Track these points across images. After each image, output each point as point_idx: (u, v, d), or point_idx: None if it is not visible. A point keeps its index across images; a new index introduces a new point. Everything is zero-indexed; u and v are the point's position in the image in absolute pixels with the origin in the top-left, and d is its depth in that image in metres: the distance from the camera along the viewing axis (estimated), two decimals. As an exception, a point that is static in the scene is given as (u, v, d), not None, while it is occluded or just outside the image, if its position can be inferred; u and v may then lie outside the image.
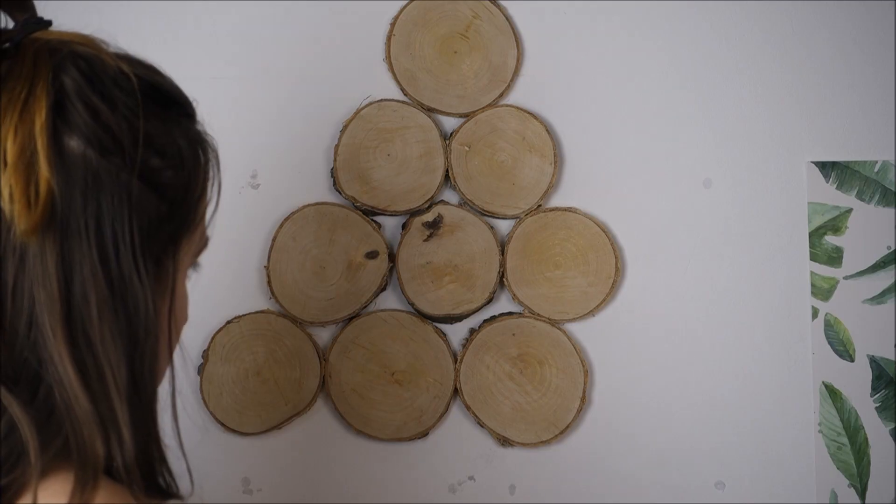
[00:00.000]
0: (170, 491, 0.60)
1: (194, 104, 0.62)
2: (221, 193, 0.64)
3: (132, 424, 0.56)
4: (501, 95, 1.09)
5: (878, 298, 1.11)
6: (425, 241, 1.07)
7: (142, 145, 0.55)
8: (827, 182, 1.11)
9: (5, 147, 0.51)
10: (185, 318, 0.65)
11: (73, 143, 0.53)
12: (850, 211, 1.11)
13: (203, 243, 0.64)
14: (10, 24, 0.57)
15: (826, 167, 1.11)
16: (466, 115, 1.08)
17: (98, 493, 0.55)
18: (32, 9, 0.57)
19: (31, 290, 0.53)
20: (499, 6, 1.09)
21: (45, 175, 0.52)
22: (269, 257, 1.06)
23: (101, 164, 0.54)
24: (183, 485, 0.61)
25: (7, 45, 0.55)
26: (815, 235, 1.11)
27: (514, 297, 1.08)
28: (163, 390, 0.61)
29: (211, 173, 0.62)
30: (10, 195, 0.51)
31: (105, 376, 0.55)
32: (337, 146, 1.07)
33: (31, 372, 0.54)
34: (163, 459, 0.60)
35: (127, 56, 0.58)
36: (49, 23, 0.57)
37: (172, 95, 0.60)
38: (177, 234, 0.60)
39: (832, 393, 1.11)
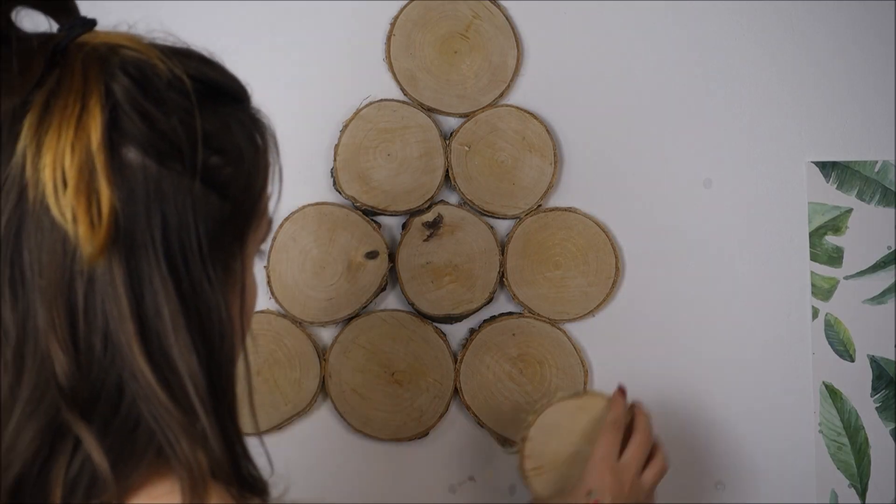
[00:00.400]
0: (257, 486, 0.59)
1: (248, 87, 0.60)
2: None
3: (217, 428, 0.56)
4: (501, 95, 1.09)
5: (879, 298, 1.11)
6: (425, 241, 1.07)
7: (200, 146, 0.54)
8: (827, 182, 1.11)
9: (64, 167, 0.50)
10: (255, 306, 0.64)
11: (131, 155, 0.52)
12: (850, 211, 1.11)
13: (268, 229, 0.63)
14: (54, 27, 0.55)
15: (826, 167, 1.11)
16: (466, 115, 1.08)
17: (210, 496, 0.55)
18: (76, 9, 0.55)
19: (104, 308, 0.52)
20: (499, 6, 1.09)
21: (105, 193, 0.50)
22: (268, 257, 1.06)
23: (162, 172, 0.53)
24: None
25: (53, 49, 0.53)
26: (815, 235, 1.11)
27: (514, 297, 1.08)
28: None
29: (271, 158, 0.60)
30: (73, 217, 0.50)
31: (186, 386, 0.54)
32: (337, 146, 1.07)
33: (112, 389, 0.53)
34: (247, 455, 0.60)
35: (176, 50, 0.57)
36: (94, 23, 0.55)
37: (226, 87, 0.58)
38: (242, 230, 0.59)
39: (832, 393, 1.11)
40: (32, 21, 0.55)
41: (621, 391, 0.95)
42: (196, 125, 0.54)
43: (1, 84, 0.51)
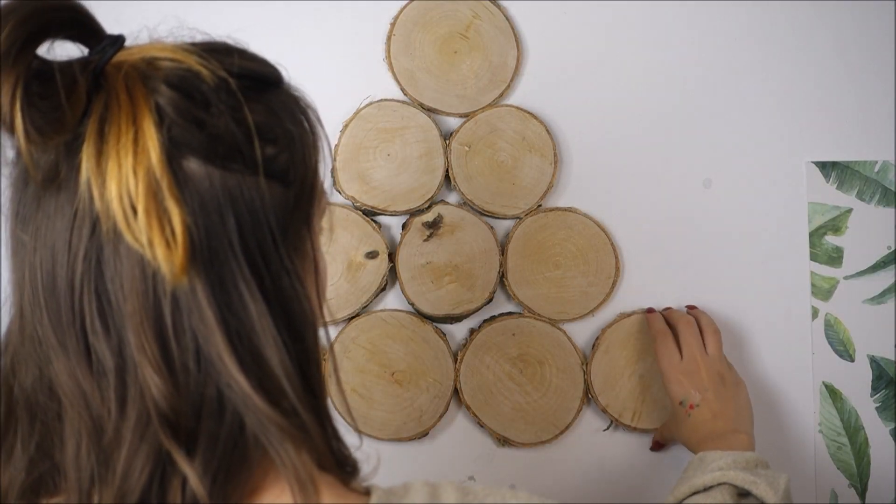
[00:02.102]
0: (349, 464, 0.60)
1: (280, 69, 0.60)
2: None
3: (316, 421, 0.56)
4: (501, 95, 1.09)
5: (878, 298, 1.11)
6: (425, 241, 1.07)
7: (256, 141, 0.54)
8: (827, 182, 1.11)
9: (130, 193, 0.49)
10: (327, 283, 0.64)
11: (193, 166, 0.52)
12: (850, 211, 1.11)
13: (326, 203, 0.63)
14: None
15: (826, 167, 1.11)
16: (466, 115, 1.08)
17: (326, 492, 0.56)
18: (102, 31, 0.55)
19: (191, 325, 0.52)
20: (499, 6, 1.09)
21: (175, 212, 0.50)
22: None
23: (226, 175, 0.53)
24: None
25: (92, 74, 0.53)
26: (815, 235, 1.11)
27: (514, 297, 1.08)
28: None
29: (317, 132, 0.61)
30: (149, 241, 0.50)
31: (283, 386, 0.54)
32: (337, 146, 1.07)
33: (213, 404, 0.53)
34: (337, 437, 0.60)
35: (209, 48, 0.56)
36: (123, 39, 0.55)
37: (265, 74, 0.58)
38: (308, 213, 0.59)
39: (832, 393, 1.11)
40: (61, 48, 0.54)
41: (649, 310, 1.07)
42: (248, 120, 0.54)
43: (52, 123, 0.50)
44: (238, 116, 0.54)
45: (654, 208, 1.11)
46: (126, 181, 0.50)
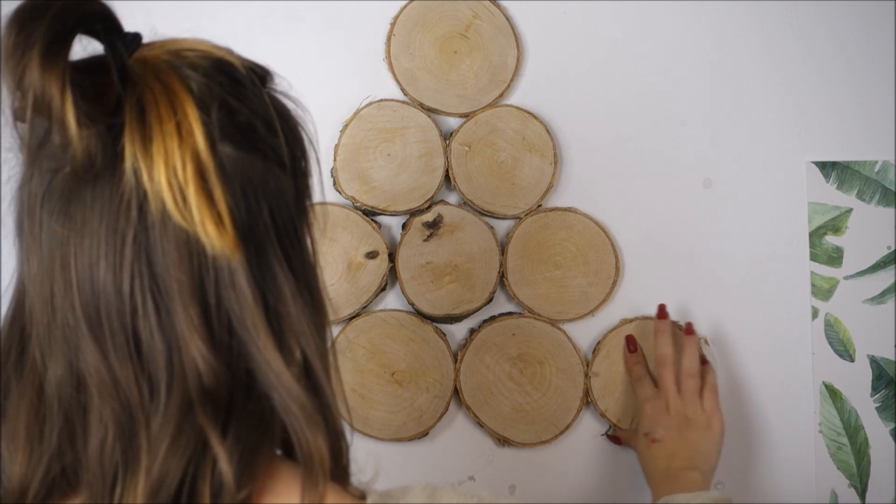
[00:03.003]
0: (347, 475, 0.61)
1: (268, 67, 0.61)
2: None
3: (334, 406, 0.58)
4: (501, 95, 1.09)
5: (878, 298, 1.11)
6: (425, 241, 1.07)
7: (278, 129, 0.56)
8: (827, 182, 1.11)
9: (178, 176, 0.51)
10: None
11: (228, 150, 0.54)
12: (850, 211, 1.11)
13: (311, 205, 0.65)
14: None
15: (826, 167, 1.11)
16: (466, 115, 1.08)
17: (328, 492, 0.56)
18: (121, 28, 0.56)
19: (230, 304, 0.54)
20: (499, 6, 1.09)
21: (220, 192, 0.52)
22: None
23: (253, 161, 0.55)
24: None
25: (121, 70, 0.54)
26: (815, 235, 1.11)
27: (514, 297, 1.08)
28: None
29: (306, 129, 0.62)
30: (201, 224, 0.51)
31: (314, 369, 0.56)
32: (337, 146, 1.07)
33: (242, 384, 0.55)
34: (343, 436, 0.61)
35: (220, 47, 0.58)
36: (141, 37, 0.56)
37: (264, 70, 0.60)
38: (305, 205, 0.61)
39: (832, 393, 1.11)
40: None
41: (630, 346, 1.08)
42: (269, 110, 0.56)
43: (93, 111, 0.51)
44: (260, 104, 0.56)
45: (654, 208, 1.11)
46: (173, 164, 0.51)
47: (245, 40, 1.07)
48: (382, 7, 1.08)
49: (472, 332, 1.08)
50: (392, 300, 1.09)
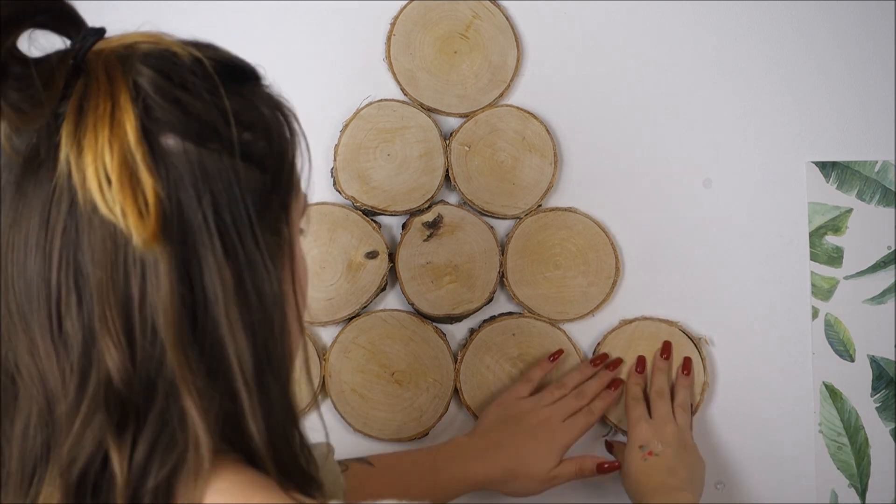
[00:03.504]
0: (309, 483, 0.59)
1: (260, 69, 0.61)
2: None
3: (265, 413, 0.56)
4: (501, 95, 1.09)
5: (879, 298, 1.11)
6: (425, 241, 1.07)
7: (233, 122, 0.55)
8: (827, 182, 1.11)
9: (105, 164, 0.51)
10: (307, 280, 0.64)
11: (171, 142, 0.53)
12: (850, 211, 1.11)
13: (305, 204, 0.64)
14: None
15: (826, 167, 1.11)
16: (466, 115, 1.08)
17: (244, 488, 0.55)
18: (83, 21, 0.56)
19: (153, 299, 0.53)
20: (499, 6, 1.09)
21: (149, 183, 0.52)
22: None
23: (202, 153, 0.54)
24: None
25: (73, 62, 0.54)
26: (815, 235, 1.11)
27: (514, 297, 1.08)
28: None
29: (295, 129, 0.61)
30: (122, 211, 0.51)
31: (231, 371, 0.55)
32: (337, 146, 1.07)
33: (167, 385, 0.54)
34: (304, 444, 0.60)
35: (187, 40, 0.58)
36: (104, 31, 0.56)
37: (241, 66, 0.59)
38: (285, 200, 0.60)
39: (832, 393, 1.11)
40: (47, 41, 0.56)
41: (639, 364, 1.08)
42: (224, 103, 0.55)
43: (27, 101, 0.52)
44: (215, 98, 0.55)
45: (654, 208, 1.11)
46: (102, 153, 0.51)
47: (245, 40, 1.08)
48: (382, 7, 1.08)
49: (472, 332, 1.08)
50: (392, 300, 1.09)
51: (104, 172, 0.51)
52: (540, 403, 1.03)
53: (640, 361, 1.07)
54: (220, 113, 0.55)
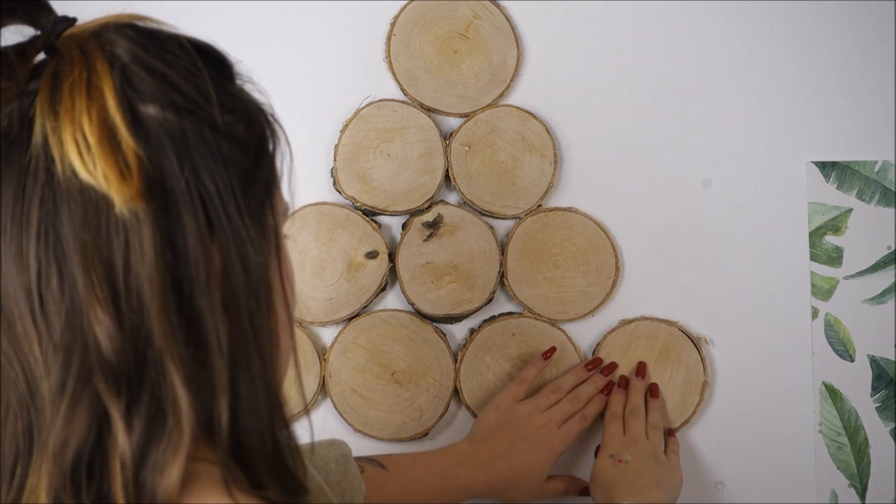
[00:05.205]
0: (292, 485, 0.58)
1: (240, 65, 0.60)
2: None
3: (246, 394, 0.54)
4: (501, 95, 1.09)
5: (878, 298, 1.11)
6: (425, 241, 1.07)
7: (214, 99, 0.54)
8: (827, 182, 1.11)
9: (84, 130, 0.50)
10: (294, 277, 0.63)
11: (151, 110, 0.52)
12: (850, 211, 1.11)
13: (286, 207, 0.62)
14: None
15: (826, 167, 1.11)
16: (466, 115, 1.08)
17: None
18: (52, 11, 0.55)
19: (138, 269, 0.51)
20: (499, 6, 1.09)
21: (129, 144, 0.50)
22: (269, 257, 1.06)
23: (183, 123, 0.53)
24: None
25: (44, 49, 0.53)
26: (815, 235, 1.11)
27: (514, 297, 1.08)
28: None
29: (276, 128, 0.60)
30: (104, 175, 0.49)
31: (210, 342, 0.53)
32: (337, 146, 1.07)
33: (150, 361, 0.52)
34: (292, 439, 0.59)
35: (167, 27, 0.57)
36: (75, 19, 0.55)
37: (219, 55, 0.59)
38: (269, 185, 0.58)
39: (832, 393, 1.11)
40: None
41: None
42: (205, 79, 0.54)
43: None
44: (194, 73, 0.54)
45: (654, 208, 1.11)
46: (80, 119, 0.50)
47: (245, 40, 1.08)
48: (382, 7, 1.08)
49: (472, 332, 1.08)
50: (392, 300, 1.09)
51: (83, 137, 0.50)
52: (537, 408, 1.03)
53: (641, 368, 1.07)
54: (199, 88, 0.54)
